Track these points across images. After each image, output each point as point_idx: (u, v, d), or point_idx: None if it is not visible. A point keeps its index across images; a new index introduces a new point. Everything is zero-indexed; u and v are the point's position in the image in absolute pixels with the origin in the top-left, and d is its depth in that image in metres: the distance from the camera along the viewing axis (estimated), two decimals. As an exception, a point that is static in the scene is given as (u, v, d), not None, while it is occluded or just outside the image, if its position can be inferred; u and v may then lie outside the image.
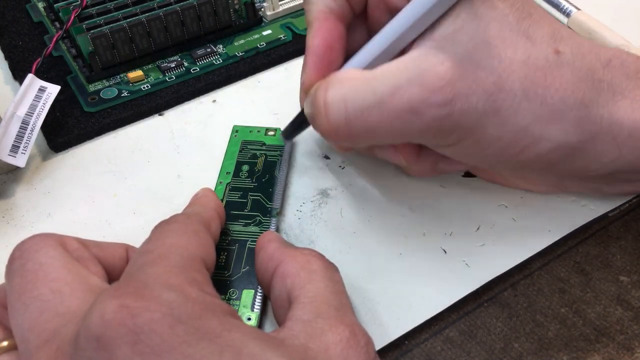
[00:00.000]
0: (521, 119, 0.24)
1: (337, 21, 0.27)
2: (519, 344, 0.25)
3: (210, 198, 0.28)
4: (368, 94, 0.24)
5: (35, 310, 0.20)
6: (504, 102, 0.23)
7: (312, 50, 0.27)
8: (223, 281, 0.26)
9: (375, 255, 0.28)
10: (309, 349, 0.19)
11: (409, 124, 0.24)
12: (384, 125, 0.24)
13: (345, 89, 0.25)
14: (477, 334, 0.26)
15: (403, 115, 0.24)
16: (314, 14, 0.27)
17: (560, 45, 0.24)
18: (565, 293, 0.27)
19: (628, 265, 0.27)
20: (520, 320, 0.26)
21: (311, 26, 0.27)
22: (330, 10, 0.27)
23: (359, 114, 0.24)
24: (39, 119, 0.33)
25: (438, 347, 0.25)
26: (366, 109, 0.24)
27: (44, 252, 0.21)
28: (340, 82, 0.25)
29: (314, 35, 0.27)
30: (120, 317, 0.17)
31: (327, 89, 0.25)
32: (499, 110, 0.24)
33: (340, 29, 0.27)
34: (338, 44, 0.27)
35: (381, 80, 0.24)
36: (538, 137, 0.24)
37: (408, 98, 0.23)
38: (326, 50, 0.27)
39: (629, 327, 0.25)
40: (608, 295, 0.26)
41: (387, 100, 0.24)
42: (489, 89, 0.23)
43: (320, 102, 0.25)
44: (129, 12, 0.37)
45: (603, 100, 0.24)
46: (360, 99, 0.24)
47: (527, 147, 0.24)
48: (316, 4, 0.27)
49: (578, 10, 0.40)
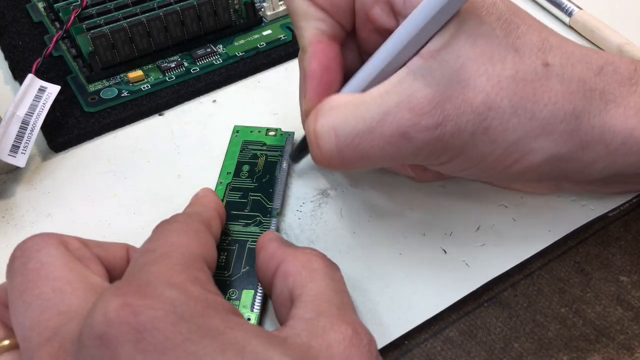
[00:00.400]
0: (511, 135, 0.24)
1: (331, 42, 0.27)
2: (519, 344, 0.25)
3: (211, 198, 0.28)
4: (358, 121, 0.24)
5: (36, 308, 0.20)
6: (493, 120, 0.23)
7: (311, 75, 0.26)
8: (223, 281, 0.26)
9: (375, 255, 0.28)
10: (312, 347, 0.19)
11: (400, 148, 0.24)
12: (376, 151, 0.24)
13: (334, 117, 0.24)
14: (477, 334, 0.26)
15: (394, 140, 0.23)
16: (307, 39, 0.26)
17: (550, 56, 0.24)
18: (565, 293, 0.27)
19: (628, 265, 0.27)
20: (520, 320, 0.26)
21: (305, 50, 0.26)
22: (322, 32, 0.26)
23: (350, 141, 0.24)
24: (39, 119, 0.33)
25: (438, 347, 0.25)
26: (356, 136, 0.24)
27: (46, 251, 0.21)
28: (330, 111, 0.25)
29: (310, 60, 0.26)
30: (123, 315, 0.17)
31: (316, 118, 0.25)
32: (489, 128, 0.23)
33: (335, 50, 0.27)
34: (335, 64, 0.26)
35: (370, 106, 0.24)
36: (528, 150, 0.24)
37: (397, 123, 0.23)
38: (324, 73, 0.26)
39: (629, 327, 0.25)
40: (608, 295, 0.26)
41: (376, 127, 0.23)
42: (478, 109, 0.23)
43: (311, 132, 0.25)
44: (129, 12, 0.37)
45: (595, 109, 0.24)
46: (350, 126, 0.24)
47: (517, 160, 0.24)
48: (307, 28, 0.27)
49: (580, 10, 0.40)
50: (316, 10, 0.26)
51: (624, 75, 0.25)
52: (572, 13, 0.40)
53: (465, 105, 0.23)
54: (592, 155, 0.25)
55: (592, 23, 0.39)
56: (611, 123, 0.24)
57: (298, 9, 0.27)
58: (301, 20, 0.27)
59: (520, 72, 0.23)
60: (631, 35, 0.38)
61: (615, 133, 0.24)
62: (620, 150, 0.25)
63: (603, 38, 0.38)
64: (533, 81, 0.24)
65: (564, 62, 0.24)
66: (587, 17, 0.39)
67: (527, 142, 0.24)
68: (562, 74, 0.24)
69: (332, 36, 0.27)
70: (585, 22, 0.39)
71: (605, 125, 0.24)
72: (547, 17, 0.41)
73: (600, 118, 0.24)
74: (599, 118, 0.24)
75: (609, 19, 0.39)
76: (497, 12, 0.24)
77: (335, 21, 0.27)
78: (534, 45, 0.24)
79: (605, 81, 0.25)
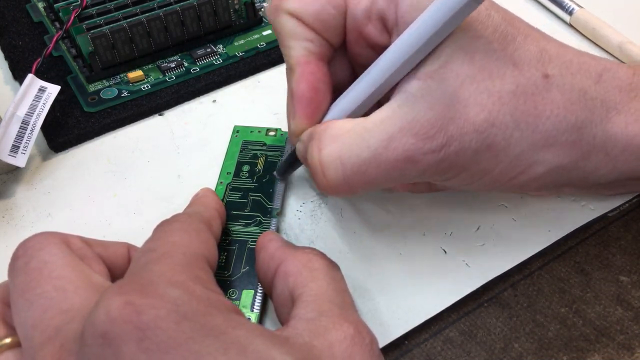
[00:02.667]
0: (514, 149, 0.24)
1: (319, 62, 0.26)
2: (519, 344, 0.25)
3: (211, 198, 0.28)
4: (363, 149, 0.24)
5: (39, 307, 0.20)
6: (495, 136, 0.23)
7: (299, 97, 0.26)
8: (223, 281, 0.26)
9: (375, 255, 0.28)
10: (313, 347, 0.19)
11: (405, 171, 0.24)
12: (382, 176, 0.24)
13: (339, 146, 0.24)
14: (477, 334, 0.26)
15: (399, 164, 0.23)
16: (295, 59, 0.26)
17: (549, 67, 0.24)
18: (565, 293, 0.27)
19: (628, 265, 0.27)
20: (520, 320, 0.26)
21: (293, 71, 0.26)
22: (310, 52, 0.26)
23: (357, 170, 0.24)
24: (39, 119, 0.33)
25: (438, 347, 0.25)
26: (363, 164, 0.24)
27: (48, 250, 0.21)
28: (333, 139, 0.24)
29: (298, 81, 0.26)
30: (126, 314, 0.17)
31: (320, 148, 0.24)
32: (492, 144, 0.23)
33: (323, 70, 0.26)
34: (323, 85, 0.26)
35: (374, 132, 0.24)
36: (531, 163, 0.24)
37: (402, 148, 0.23)
38: (313, 95, 0.26)
39: (629, 327, 0.25)
40: (608, 295, 0.27)
41: (382, 153, 0.23)
42: (481, 127, 0.23)
43: (316, 162, 0.25)
44: (129, 12, 0.37)
45: (597, 118, 0.24)
46: (355, 155, 0.24)
47: (521, 173, 0.25)
48: (295, 48, 0.26)
49: (580, 8, 0.40)
50: (305, 29, 0.26)
51: (623, 80, 0.25)
52: (572, 12, 0.40)
53: (467, 124, 0.23)
54: (594, 163, 0.25)
55: (592, 22, 0.39)
56: (613, 131, 0.24)
57: (285, 28, 0.26)
58: (289, 39, 0.26)
59: (520, 86, 0.23)
60: (632, 33, 0.38)
61: (617, 141, 0.24)
62: (621, 157, 0.25)
63: (604, 37, 0.38)
64: (534, 94, 0.24)
65: (563, 72, 0.24)
66: (588, 16, 0.39)
67: (530, 155, 0.24)
68: (562, 84, 0.24)
69: (321, 56, 0.26)
70: (585, 21, 0.39)
71: (607, 134, 0.24)
72: (547, 16, 0.41)
73: (602, 127, 0.24)
74: (601, 127, 0.24)
75: (610, 18, 0.39)
76: (492, 24, 0.24)
77: (323, 40, 0.26)
78: (532, 57, 0.24)
79: (605, 88, 0.25)
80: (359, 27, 0.26)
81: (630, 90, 0.25)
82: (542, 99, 0.24)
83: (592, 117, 0.24)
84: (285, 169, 0.30)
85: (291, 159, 0.29)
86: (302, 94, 0.26)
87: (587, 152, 0.24)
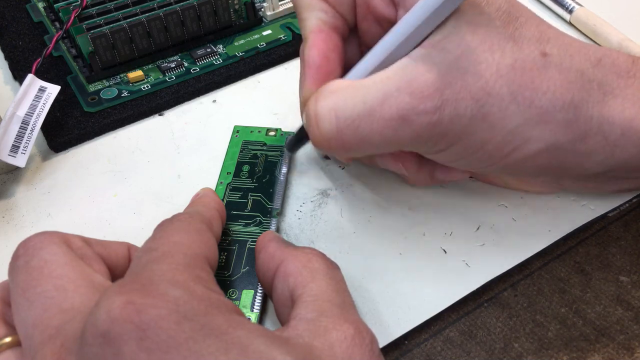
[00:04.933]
0: (509, 122, 0.24)
1: (332, 32, 0.27)
2: (519, 344, 0.25)
3: (211, 198, 0.28)
4: (358, 104, 0.24)
5: (39, 306, 0.20)
6: (492, 106, 0.24)
7: (309, 62, 0.27)
8: (223, 281, 0.26)
9: (375, 255, 0.28)
10: (314, 347, 0.19)
11: (399, 131, 0.24)
12: (375, 133, 0.24)
13: (335, 99, 0.25)
14: (477, 334, 0.26)
15: (393, 123, 0.24)
16: (309, 29, 0.27)
17: (548, 47, 0.24)
18: (565, 293, 0.27)
19: (628, 265, 0.27)
20: (520, 320, 0.26)
21: (306, 39, 0.27)
22: (324, 22, 0.27)
23: (350, 123, 0.24)
24: (39, 119, 0.33)
25: (438, 347, 0.25)
26: (356, 118, 0.24)
27: (48, 249, 0.21)
28: (331, 93, 0.25)
29: (309, 47, 0.27)
30: (127, 314, 0.17)
31: (317, 99, 0.25)
32: (487, 114, 0.24)
33: (335, 40, 0.27)
34: (334, 54, 0.27)
35: (370, 89, 0.24)
36: (526, 138, 0.24)
37: (397, 106, 0.24)
38: (323, 61, 0.27)
39: (629, 327, 0.25)
40: (608, 295, 0.27)
41: (377, 109, 0.24)
42: (477, 95, 0.23)
43: (312, 113, 0.25)
44: (129, 12, 0.37)
45: (593, 100, 0.24)
46: (350, 108, 0.24)
47: (515, 149, 0.25)
48: (309, 18, 0.27)
49: (580, 7, 0.40)
50: (319, 1, 0.27)
51: (622, 67, 0.25)
52: (572, 10, 0.40)
53: (464, 91, 0.23)
54: (590, 146, 0.25)
55: (592, 20, 0.39)
56: (609, 114, 0.24)
57: (302, 0, 0.27)
58: (304, 11, 0.27)
59: (519, 61, 0.24)
60: (632, 32, 0.38)
61: (614, 124, 0.24)
62: (619, 141, 0.25)
63: (603, 35, 0.38)
64: (532, 70, 0.24)
65: (562, 53, 0.25)
66: (588, 14, 0.39)
67: (526, 130, 0.24)
68: (560, 63, 0.24)
69: (334, 27, 0.27)
70: (585, 19, 0.39)
71: (604, 116, 0.24)
72: (547, 14, 0.42)
73: (599, 108, 0.24)
74: (597, 108, 0.24)
75: (610, 16, 0.39)
76: (496, 3, 0.25)
77: (337, 12, 0.27)
78: (532, 36, 0.24)
79: (604, 72, 0.25)
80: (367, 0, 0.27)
81: (628, 78, 0.25)
82: (540, 75, 0.24)
83: (588, 98, 0.24)
84: (295, 142, 0.31)
85: (301, 132, 0.29)
86: (313, 60, 0.27)
87: (584, 132, 0.24)
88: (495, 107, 0.24)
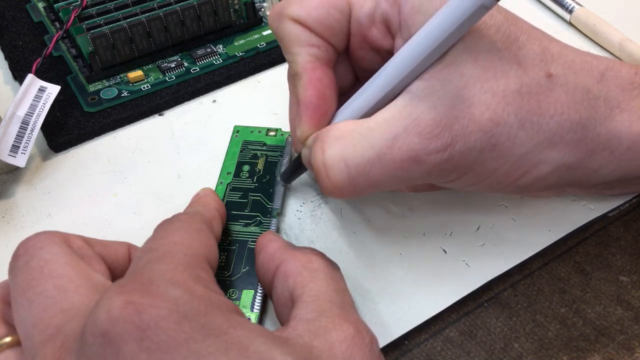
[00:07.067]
0: (518, 149, 0.24)
1: (325, 68, 0.26)
2: (519, 344, 0.25)
3: (212, 198, 0.28)
4: (367, 149, 0.23)
5: (39, 306, 0.20)
6: (500, 136, 0.23)
7: (306, 104, 0.26)
8: (223, 281, 0.26)
9: (375, 255, 0.28)
10: (314, 347, 0.19)
11: (410, 172, 0.24)
12: (387, 176, 0.24)
13: (342, 147, 0.24)
14: (477, 334, 0.26)
15: (404, 164, 0.23)
16: (301, 66, 0.26)
17: (552, 67, 0.24)
18: (565, 293, 0.27)
19: (628, 265, 0.27)
20: (520, 320, 0.26)
21: (299, 77, 0.26)
22: (317, 58, 0.26)
23: (361, 170, 0.24)
24: (39, 119, 0.33)
25: (438, 347, 0.25)
26: (367, 164, 0.23)
27: (49, 249, 0.21)
28: (337, 140, 0.24)
29: (305, 87, 0.26)
30: (127, 313, 0.17)
31: (324, 149, 0.24)
32: (497, 144, 0.23)
33: (329, 76, 0.26)
34: (330, 91, 0.26)
35: (376, 132, 0.23)
36: (536, 162, 0.24)
37: (407, 148, 0.23)
38: (320, 101, 0.26)
39: (629, 327, 0.25)
40: (608, 295, 0.27)
41: (386, 153, 0.23)
42: (486, 126, 0.23)
43: (320, 164, 0.24)
44: (129, 12, 0.37)
45: (600, 117, 0.24)
46: (359, 155, 0.24)
47: (525, 173, 0.24)
48: (300, 54, 0.26)
49: (580, 7, 0.40)
50: (309, 35, 0.26)
51: (625, 79, 0.25)
52: (572, 10, 0.40)
53: (472, 124, 0.23)
54: (598, 162, 0.25)
55: (592, 20, 0.39)
56: (616, 129, 0.24)
57: (290, 34, 0.26)
58: (293, 46, 0.26)
59: (524, 86, 0.23)
60: (632, 32, 0.38)
61: (621, 139, 0.24)
62: (626, 155, 0.25)
63: (603, 35, 0.38)
64: (538, 94, 0.23)
65: (566, 72, 0.24)
66: (588, 14, 0.39)
67: (535, 154, 0.24)
68: (565, 84, 0.24)
69: (326, 61, 0.26)
70: (586, 20, 0.39)
71: (611, 132, 0.24)
72: (547, 14, 0.42)
73: (606, 125, 0.24)
74: (605, 125, 0.24)
75: (610, 16, 0.39)
76: (495, 24, 0.24)
77: (329, 45, 0.26)
78: (535, 56, 0.24)
79: (608, 87, 0.25)
80: (363, 30, 0.26)
81: (633, 89, 0.25)
82: (546, 98, 0.24)
83: (595, 116, 0.24)
84: (290, 174, 0.30)
85: (296, 165, 0.29)
86: (310, 100, 0.26)
87: (592, 150, 0.24)
88: (504, 136, 0.23)
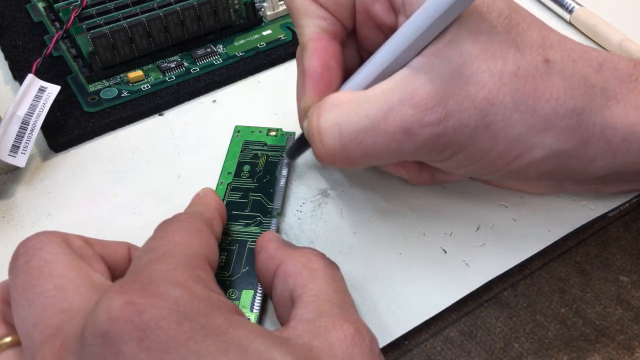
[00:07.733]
0: (512, 130, 0.24)
1: (332, 40, 0.27)
2: (519, 344, 0.25)
3: (212, 198, 0.28)
4: (361, 117, 0.24)
5: (39, 306, 0.20)
6: (495, 115, 0.23)
7: (311, 72, 0.26)
8: (223, 281, 0.26)
9: (375, 255, 0.28)
10: (314, 347, 0.19)
11: (403, 144, 0.24)
12: (379, 147, 0.24)
13: (338, 114, 0.24)
14: (477, 334, 0.26)
15: (397, 136, 0.24)
16: (308, 36, 0.27)
17: (550, 53, 0.24)
18: (565, 293, 0.27)
19: (628, 265, 0.27)
20: (520, 320, 0.26)
21: (305, 48, 0.26)
22: (323, 30, 0.26)
23: (354, 137, 0.24)
24: (39, 119, 0.33)
25: (438, 347, 0.25)
26: (360, 132, 0.24)
27: (49, 249, 0.21)
28: (333, 107, 0.25)
29: (310, 56, 0.26)
30: (127, 313, 0.17)
31: (320, 114, 0.25)
32: (491, 123, 0.24)
33: (335, 47, 0.27)
34: (335, 62, 0.26)
35: (373, 102, 0.24)
36: (530, 146, 0.24)
37: (401, 119, 0.23)
38: (324, 71, 0.26)
39: (629, 327, 0.25)
40: (608, 295, 0.27)
41: (380, 123, 0.24)
42: (480, 105, 0.23)
43: (314, 128, 0.25)
44: (129, 12, 0.37)
45: (596, 106, 0.24)
46: (353, 122, 0.24)
47: (519, 156, 0.25)
48: (308, 26, 0.27)
49: (580, 7, 0.40)
50: (317, 8, 0.26)
51: (623, 72, 0.25)
52: (572, 10, 0.40)
53: (467, 101, 0.23)
54: (593, 151, 0.25)
55: (592, 20, 0.39)
56: (612, 119, 0.24)
57: (299, 6, 0.27)
58: (302, 18, 0.27)
59: (521, 69, 0.24)
60: (632, 32, 0.38)
61: (616, 129, 0.24)
62: (621, 146, 0.25)
63: (603, 35, 0.38)
64: (535, 77, 0.24)
65: (564, 59, 0.24)
66: (588, 14, 0.39)
67: (529, 137, 0.24)
68: (563, 70, 0.24)
69: (333, 34, 0.27)
70: (585, 20, 0.39)
71: (606, 122, 0.24)
72: (547, 14, 0.42)
73: (601, 114, 0.24)
74: (600, 114, 0.24)
75: (610, 16, 0.39)
76: (497, 8, 0.24)
77: (336, 19, 0.27)
78: (534, 42, 0.24)
79: (606, 78, 0.25)
80: (367, 6, 0.26)
81: (630, 82, 0.25)
82: (543, 82, 0.24)
83: (591, 104, 0.24)
84: (296, 150, 0.30)
85: (301, 140, 0.29)
86: (314, 69, 0.26)
87: (587, 138, 0.24)
88: (499, 116, 0.23)
